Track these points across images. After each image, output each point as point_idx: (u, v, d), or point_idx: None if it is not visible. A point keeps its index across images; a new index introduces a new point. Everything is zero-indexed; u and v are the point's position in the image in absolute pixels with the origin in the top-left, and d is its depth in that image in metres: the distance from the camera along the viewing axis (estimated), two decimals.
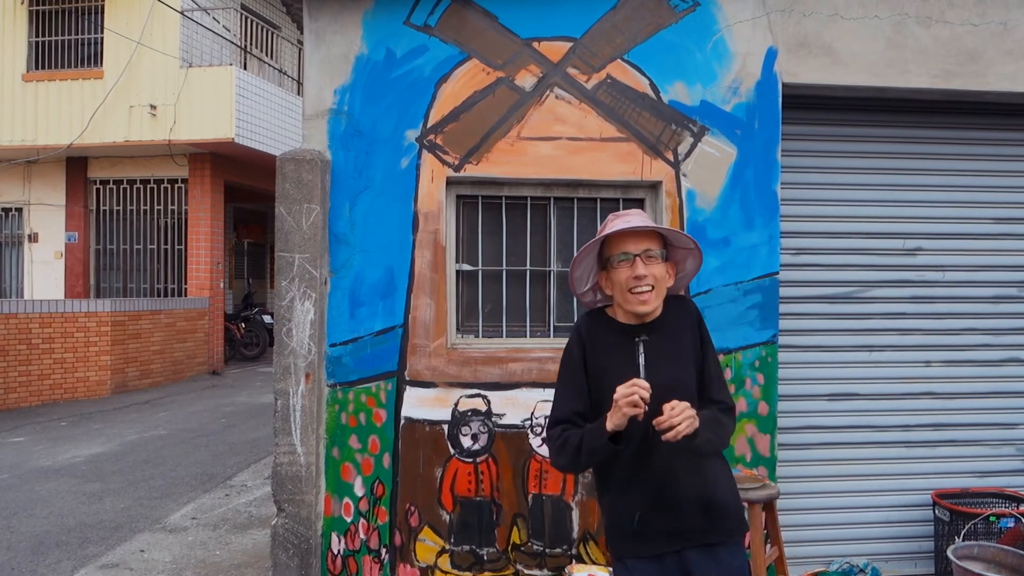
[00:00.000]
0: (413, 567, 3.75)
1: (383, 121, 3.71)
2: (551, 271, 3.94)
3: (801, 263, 4.07)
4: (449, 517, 3.75)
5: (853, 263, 4.12)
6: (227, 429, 8.15)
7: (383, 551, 3.74)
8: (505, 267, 3.93)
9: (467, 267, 3.91)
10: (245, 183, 12.86)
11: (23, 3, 11.86)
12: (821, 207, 4.09)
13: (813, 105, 4.02)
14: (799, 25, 3.84)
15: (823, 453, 4.12)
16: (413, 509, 3.75)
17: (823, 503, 4.12)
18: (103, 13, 11.61)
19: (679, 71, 3.79)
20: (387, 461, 3.74)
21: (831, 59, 3.84)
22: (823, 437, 4.12)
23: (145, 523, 5.20)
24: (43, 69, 11.88)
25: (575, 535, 3.79)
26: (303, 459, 3.63)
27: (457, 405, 3.75)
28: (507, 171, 3.76)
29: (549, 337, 3.92)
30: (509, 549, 3.78)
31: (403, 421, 3.74)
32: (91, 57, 11.87)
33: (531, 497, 3.78)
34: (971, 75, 3.89)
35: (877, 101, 4.04)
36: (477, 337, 3.90)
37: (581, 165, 3.77)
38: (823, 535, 4.11)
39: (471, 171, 3.74)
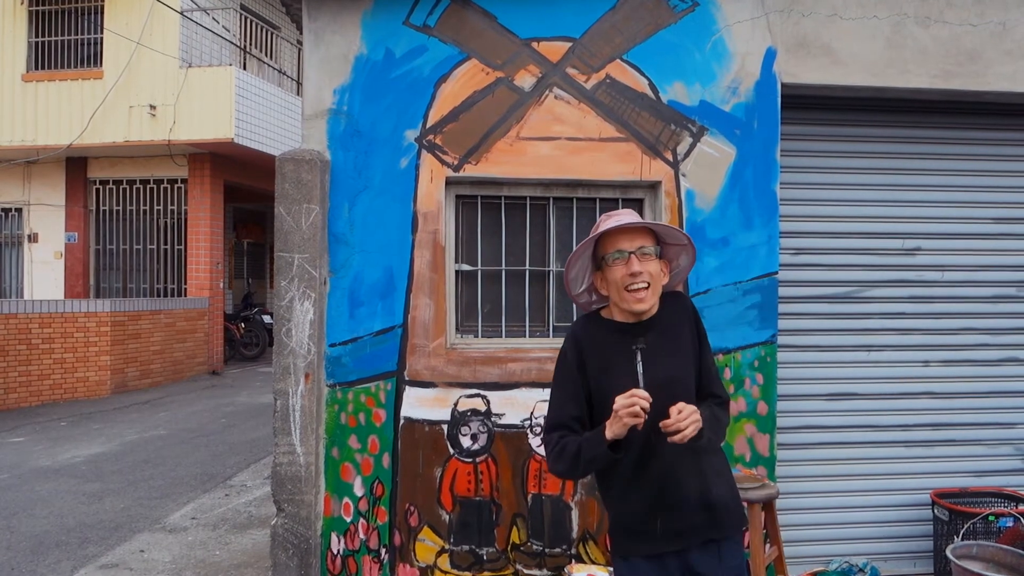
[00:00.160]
0: (413, 567, 3.75)
1: (382, 121, 3.71)
2: (550, 271, 3.95)
3: (800, 263, 4.07)
4: (449, 517, 3.76)
5: (852, 263, 4.13)
6: (227, 429, 8.15)
7: (383, 551, 3.75)
8: (504, 267, 3.94)
9: (466, 267, 3.92)
10: (245, 183, 12.86)
11: (23, 3, 11.86)
12: (820, 207, 4.09)
13: (812, 105, 4.02)
14: (798, 25, 3.84)
15: (822, 453, 4.13)
16: (413, 509, 3.75)
17: (822, 503, 4.12)
18: (103, 13, 11.61)
19: (678, 71, 3.79)
20: (386, 461, 3.74)
21: (830, 59, 3.85)
22: (822, 437, 4.13)
23: (145, 523, 5.20)
24: (43, 69, 11.88)
25: (574, 535, 3.79)
26: (303, 459, 3.64)
27: (456, 405, 3.75)
28: (506, 171, 3.76)
29: (548, 337, 3.92)
30: (508, 549, 3.78)
31: (402, 421, 3.74)
32: (91, 57, 11.87)
33: (530, 497, 3.78)
34: (970, 75, 3.89)
35: (876, 101, 4.04)
36: (476, 337, 3.90)
37: (580, 165, 3.77)
38: (822, 535, 4.11)
39: (470, 171, 3.75)
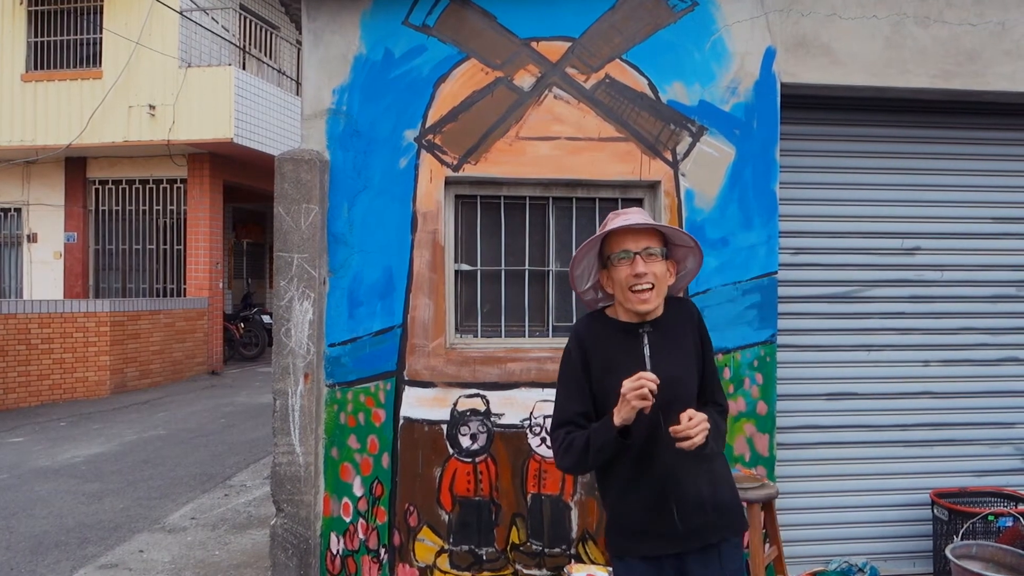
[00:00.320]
0: (412, 567, 3.75)
1: (382, 121, 3.71)
2: (550, 271, 3.94)
3: (800, 263, 4.07)
4: (448, 517, 3.75)
5: (852, 263, 4.13)
6: (226, 429, 8.15)
7: (382, 551, 3.75)
8: (504, 267, 3.93)
9: (466, 267, 3.92)
10: (244, 183, 12.86)
11: (22, 3, 11.86)
12: (820, 207, 4.09)
13: (812, 105, 4.02)
14: (797, 25, 3.84)
15: (822, 453, 4.13)
16: (412, 509, 3.75)
17: (822, 502, 4.12)
18: (102, 13, 11.60)
19: (678, 71, 3.79)
20: (386, 461, 3.74)
21: (829, 59, 3.85)
22: (822, 437, 4.13)
23: (144, 523, 5.20)
24: (42, 69, 11.87)
25: (574, 535, 3.79)
26: (302, 459, 3.63)
27: (456, 405, 3.75)
28: (506, 171, 3.76)
29: (548, 337, 3.92)
30: (508, 549, 3.78)
31: (402, 421, 3.74)
32: (90, 57, 11.86)
33: (530, 497, 3.78)
34: (970, 75, 3.89)
35: (876, 101, 4.04)
36: (476, 337, 3.90)
37: (580, 165, 3.77)
38: (822, 534, 4.11)
39: (470, 171, 3.75)
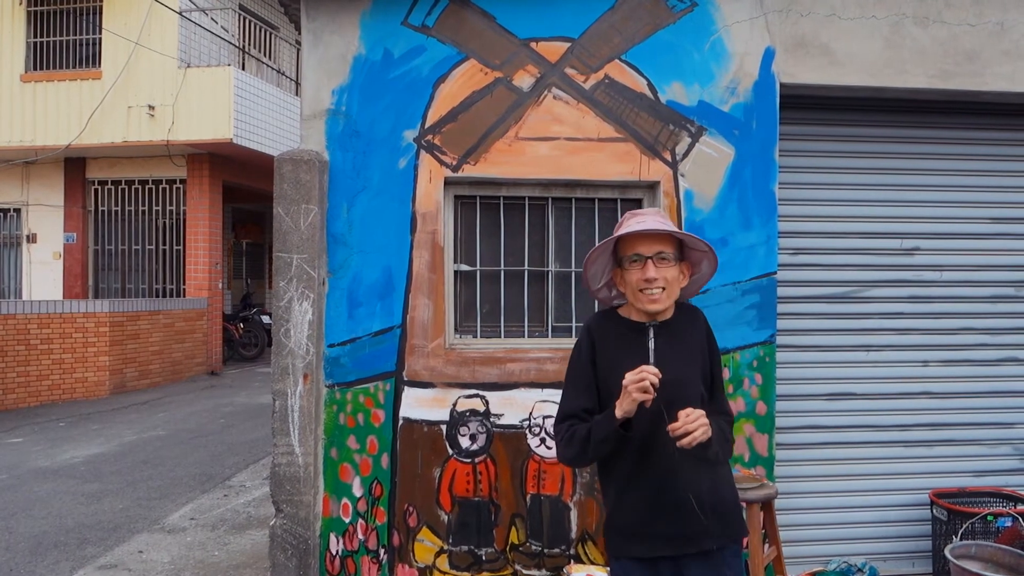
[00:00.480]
0: (411, 567, 3.75)
1: (381, 121, 3.71)
2: (549, 271, 3.94)
3: (799, 263, 4.07)
4: (447, 517, 3.75)
5: (851, 263, 4.13)
6: (225, 430, 8.15)
7: (381, 551, 3.74)
8: (503, 267, 3.93)
9: (465, 267, 3.92)
10: (243, 183, 12.86)
11: (21, 3, 11.86)
12: (819, 207, 4.10)
13: (811, 105, 4.02)
14: (796, 25, 3.84)
15: (821, 453, 4.13)
16: (411, 509, 3.75)
17: (821, 503, 4.12)
18: (101, 14, 11.60)
19: (677, 71, 3.79)
20: (385, 461, 3.74)
21: (829, 59, 3.85)
22: (821, 437, 4.13)
23: (143, 524, 5.20)
24: (41, 70, 11.87)
25: (573, 535, 3.79)
26: (301, 460, 3.63)
27: (455, 405, 3.75)
28: (505, 171, 3.76)
29: (547, 337, 3.92)
30: (507, 549, 3.78)
31: (401, 421, 3.74)
32: (89, 57, 11.86)
33: (529, 497, 3.78)
34: (968, 75, 3.89)
35: (875, 101, 4.04)
36: (475, 337, 3.90)
37: (579, 165, 3.77)
38: (821, 534, 4.11)
39: (469, 171, 3.75)
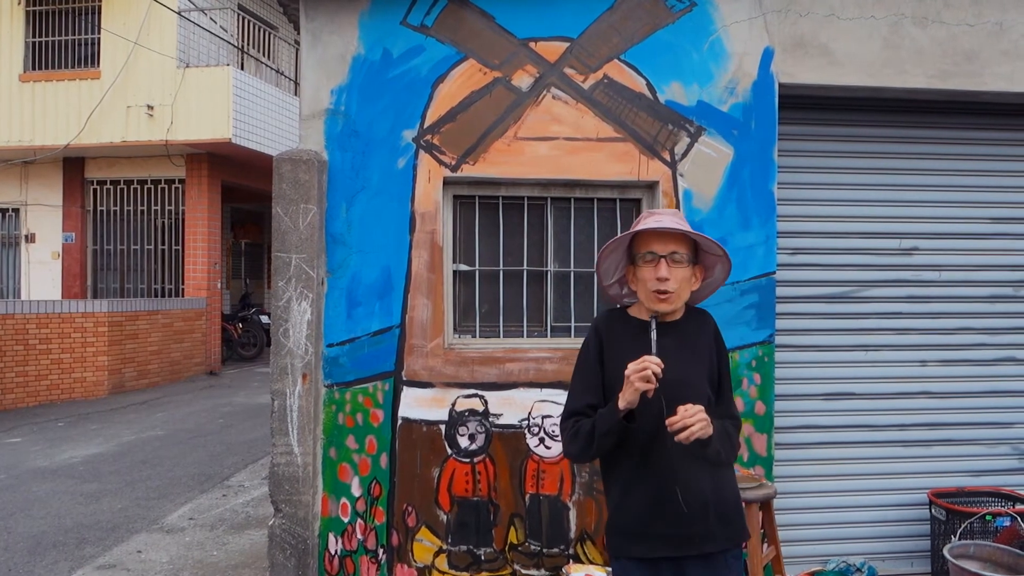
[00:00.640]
0: (410, 567, 3.75)
1: (380, 121, 3.71)
2: (548, 271, 3.94)
3: (798, 263, 4.07)
4: (446, 517, 3.75)
5: (850, 263, 4.13)
6: (224, 429, 8.15)
7: (380, 551, 3.74)
8: (502, 267, 3.93)
9: (464, 267, 3.91)
10: (242, 183, 12.85)
11: (20, 3, 11.85)
12: (818, 207, 4.10)
13: (810, 105, 4.03)
14: (795, 25, 3.84)
15: (820, 452, 4.13)
16: (410, 509, 3.75)
17: (820, 502, 4.12)
18: (100, 13, 11.59)
19: (676, 71, 3.79)
20: (384, 461, 3.74)
21: (828, 59, 3.85)
22: (820, 436, 4.13)
23: (142, 524, 5.19)
24: (40, 69, 11.86)
25: (572, 535, 3.79)
26: (300, 459, 3.63)
27: (454, 405, 3.75)
28: (504, 171, 3.76)
29: (546, 337, 3.92)
30: (506, 549, 3.78)
31: (400, 421, 3.74)
32: (88, 57, 11.85)
33: (528, 497, 3.78)
34: (967, 75, 3.90)
35: (874, 101, 4.04)
36: (474, 337, 3.90)
37: (578, 165, 3.77)
38: (820, 534, 4.12)
39: (468, 171, 3.74)
